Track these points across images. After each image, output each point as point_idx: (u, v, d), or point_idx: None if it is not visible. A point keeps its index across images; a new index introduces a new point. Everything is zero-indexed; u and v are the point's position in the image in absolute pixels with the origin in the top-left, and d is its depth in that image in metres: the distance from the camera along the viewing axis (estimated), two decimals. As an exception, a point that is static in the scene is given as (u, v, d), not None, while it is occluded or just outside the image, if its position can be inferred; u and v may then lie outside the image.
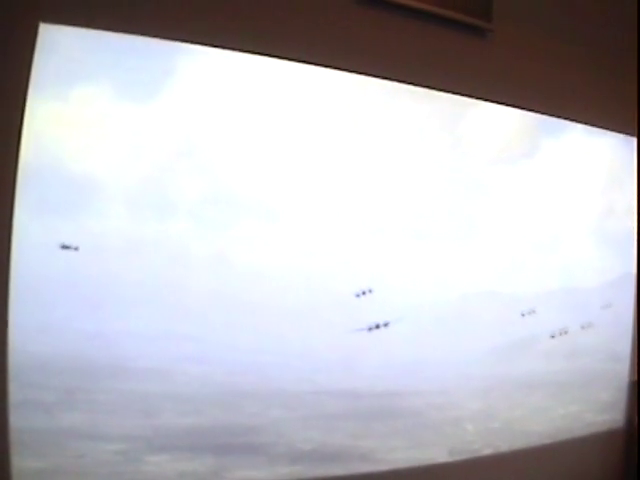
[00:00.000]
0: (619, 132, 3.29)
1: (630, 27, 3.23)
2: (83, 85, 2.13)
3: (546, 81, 2.99)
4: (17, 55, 2.03)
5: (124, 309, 2.20)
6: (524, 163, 3.01)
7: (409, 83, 2.65)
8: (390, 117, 2.65)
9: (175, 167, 2.27)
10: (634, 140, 3.34)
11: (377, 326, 2.61)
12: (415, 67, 2.65)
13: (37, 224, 2.07)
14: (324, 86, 2.52)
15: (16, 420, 2.04)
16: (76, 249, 2.15)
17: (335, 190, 2.54)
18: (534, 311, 3.03)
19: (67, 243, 2.13)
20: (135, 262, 2.21)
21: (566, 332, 3.12)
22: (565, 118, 3.10)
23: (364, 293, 2.60)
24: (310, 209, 2.50)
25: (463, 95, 2.78)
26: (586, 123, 3.16)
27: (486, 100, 2.85)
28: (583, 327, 3.19)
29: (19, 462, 2.05)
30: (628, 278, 3.35)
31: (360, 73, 2.55)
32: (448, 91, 2.74)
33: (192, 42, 2.27)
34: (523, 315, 3.00)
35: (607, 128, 3.24)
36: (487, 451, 2.90)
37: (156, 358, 2.24)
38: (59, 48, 2.08)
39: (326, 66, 2.49)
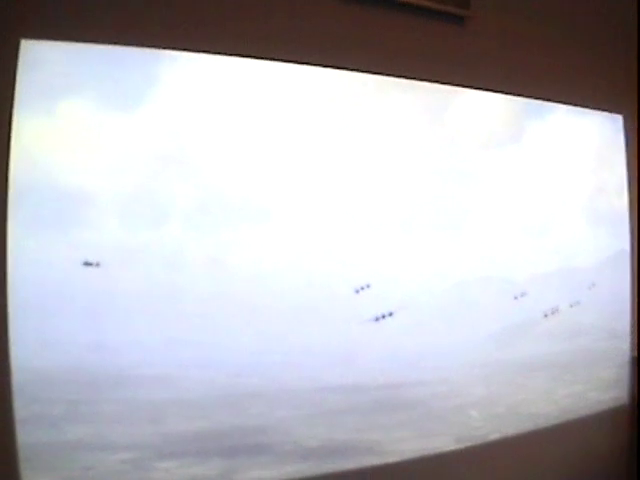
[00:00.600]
0: (604, 111, 3.31)
1: (609, 6, 3.23)
2: (68, 98, 2.13)
3: (527, 64, 2.99)
4: (0, 73, 2.02)
5: (124, 319, 2.20)
6: (512, 147, 3.02)
7: (391, 75, 2.66)
8: (375, 110, 2.66)
9: (166, 174, 2.27)
10: (620, 118, 3.35)
11: (383, 316, 2.62)
12: (396, 59, 2.66)
13: (31, 239, 2.07)
14: (308, 84, 2.53)
15: (23, 436, 2.04)
16: (97, 265, 2.18)
17: (326, 187, 2.55)
18: (531, 294, 3.05)
19: (89, 260, 2.16)
20: (132, 271, 2.21)
21: (557, 310, 3.13)
22: (549, 100, 3.11)
23: (362, 288, 2.61)
24: (302, 207, 2.51)
25: (446, 84, 2.79)
26: (571, 104, 3.18)
27: (469, 87, 2.86)
28: (583, 306, 3.21)
29: (29, 478, 2.05)
30: (622, 255, 3.37)
31: (341, 69, 2.56)
32: (431, 80, 2.75)
33: (174, 49, 2.27)
34: (516, 298, 3.01)
35: (592, 107, 3.26)
36: (493, 436, 2.91)
37: (159, 365, 2.25)
38: (42, 63, 2.08)
39: (308, 64, 2.50)
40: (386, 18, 2.67)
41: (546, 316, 3.10)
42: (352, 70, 2.58)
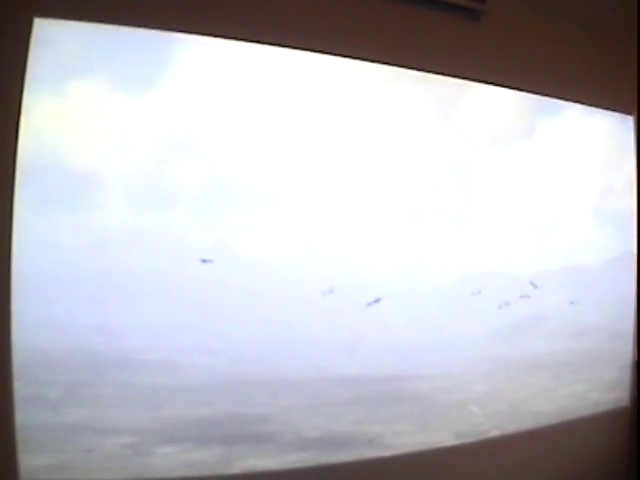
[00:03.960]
0: (616, 111, 3.30)
1: (626, 5, 3.21)
2: (79, 79, 2.13)
3: (541, 61, 2.98)
4: (12, 51, 2.02)
5: (128, 302, 2.20)
6: (522, 143, 3.02)
7: (405, 67, 2.65)
8: (387, 101, 2.66)
9: (174, 158, 2.28)
10: (631, 118, 3.34)
11: (376, 301, 2.61)
12: (411, 51, 2.65)
13: (37, 220, 2.07)
14: (320, 73, 2.52)
15: (23, 417, 2.04)
16: (211, 261, 2.26)
17: (335, 176, 2.55)
18: (535, 291, 3.04)
19: (205, 258, 2.26)
20: (137, 255, 2.21)
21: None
22: (561, 98, 3.10)
23: (368, 280, 2.61)
24: (311, 195, 2.51)
25: (459, 78, 2.78)
26: (582, 103, 3.17)
27: (482, 82, 2.85)
28: (586, 305, 3.21)
29: (27, 459, 2.05)
30: (628, 256, 3.35)
31: (356, 58, 2.56)
32: (444, 74, 2.74)
33: (187, 32, 2.26)
34: (521, 296, 3.00)
35: (604, 107, 3.25)
36: (494, 433, 2.90)
37: (162, 350, 2.25)
38: (54, 43, 2.08)
39: (322, 52, 2.49)
40: (401, 10, 2.65)
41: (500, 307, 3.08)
42: (365, 60, 2.58)
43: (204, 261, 2.26)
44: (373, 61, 2.58)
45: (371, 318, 2.61)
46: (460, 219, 2.83)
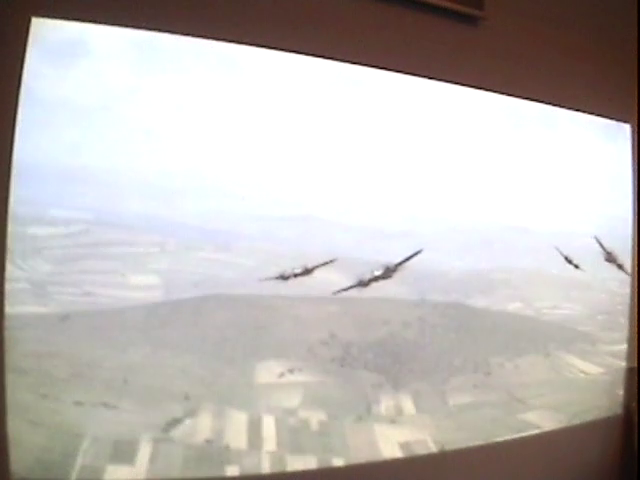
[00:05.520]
0: (613, 119, 3.30)
1: (625, 12, 3.22)
2: (75, 78, 2.14)
3: (539, 68, 2.99)
4: (9, 50, 2.03)
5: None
6: (517, 151, 3.02)
7: (401, 73, 2.66)
8: (382, 105, 2.66)
9: (172, 157, 2.29)
10: (628, 127, 3.35)
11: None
12: (407, 57, 2.66)
13: (34, 216, 2.09)
14: (315, 77, 2.52)
15: (14, 414, 2.04)
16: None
17: (333, 180, 2.56)
18: (530, 298, 3.06)
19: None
20: (135, 253, 2.22)
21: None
22: (558, 105, 3.11)
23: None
24: (309, 198, 2.51)
25: (456, 84, 2.79)
26: (579, 110, 3.17)
27: (479, 88, 2.85)
28: (580, 312, 3.21)
29: (18, 456, 2.05)
30: (625, 265, 3.36)
31: (352, 63, 2.56)
32: (441, 80, 2.75)
33: (186, 34, 2.28)
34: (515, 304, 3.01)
35: (601, 115, 3.25)
36: (485, 441, 2.89)
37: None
38: (52, 42, 2.09)
39: (317, 56, 2.50)
40: (398, 15, 2.66)
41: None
42: (361, 65, 2.58)
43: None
44: (369, 66, 2.59)
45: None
46: (455, 227, 2.84)
